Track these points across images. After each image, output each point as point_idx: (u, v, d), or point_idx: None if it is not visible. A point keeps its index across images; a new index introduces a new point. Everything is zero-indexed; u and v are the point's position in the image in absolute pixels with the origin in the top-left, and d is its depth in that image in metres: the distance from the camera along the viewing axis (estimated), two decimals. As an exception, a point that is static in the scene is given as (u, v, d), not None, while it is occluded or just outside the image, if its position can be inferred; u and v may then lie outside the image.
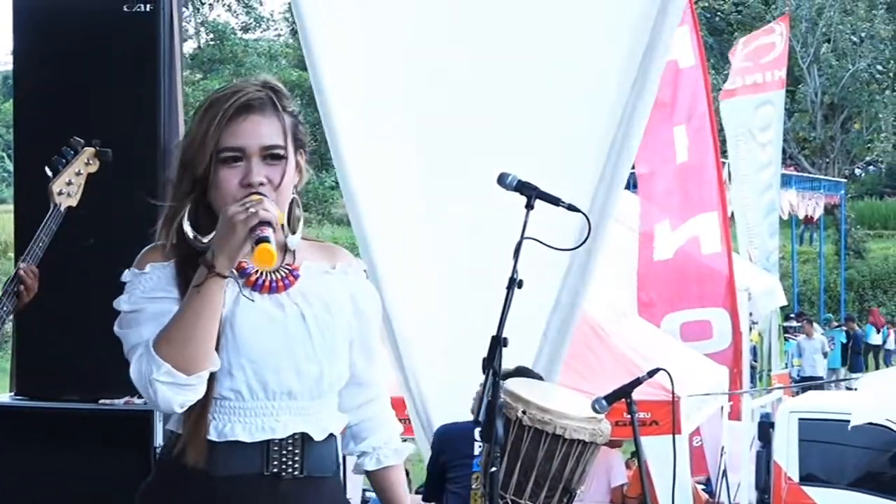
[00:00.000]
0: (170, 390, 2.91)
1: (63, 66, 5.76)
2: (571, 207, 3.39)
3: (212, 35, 44.14)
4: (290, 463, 3.08)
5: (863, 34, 47.37)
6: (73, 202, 4.91)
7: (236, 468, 3.04)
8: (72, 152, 4.95)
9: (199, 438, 3.00)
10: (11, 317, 4.87)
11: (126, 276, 3.09)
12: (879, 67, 47.77)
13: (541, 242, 3.68)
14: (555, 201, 3.41)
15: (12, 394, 5.80)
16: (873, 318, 32.59)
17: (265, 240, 2.89)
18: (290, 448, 3.08)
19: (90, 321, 5.44)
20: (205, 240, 3.02)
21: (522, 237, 3.72)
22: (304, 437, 3.11)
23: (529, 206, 3.53)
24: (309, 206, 43.65)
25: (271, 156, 3.05)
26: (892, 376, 8.76)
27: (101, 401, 5.59)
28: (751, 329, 18.48)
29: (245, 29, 48.14)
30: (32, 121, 5.87)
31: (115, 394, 5.59)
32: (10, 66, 5.72)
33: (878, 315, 33.51)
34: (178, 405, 2.95)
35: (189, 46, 43.67)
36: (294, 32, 57.02)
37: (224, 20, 46.23)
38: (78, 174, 4.94)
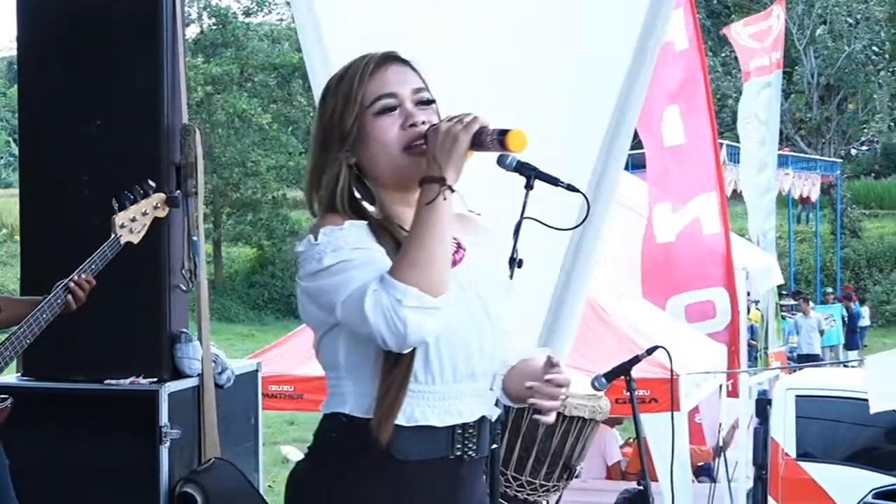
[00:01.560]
0: (420, 316, 2.77)
1: (66, 51, 5.76)
2: (570, 187, 3.36)
3: (214, 19, 44.00)
4: (471, 445, 3.02)
5: (858, 16, 47.38)
6: (135, 239, 4.99)
7: (425, 453, 2.97)
8: (142, 192, 5.02)
9: (390, 422, 2.90)
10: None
11: (307, 243, 2.93)
12: (875, 49, 47.80)
13: (539, 222, 3.65)
14: (554, 181, 3.39)
15: (19, 374, 5.81)
16: (841, 296, 32.60)
17: (504, 130, 2.89)
18: (471, 431, 3.02)
19: (99, 302, 5.47)
20: (371, 209, 3.01)
21: (522, 217, 3.70)
22: (483, 420, 3.07)
23: (529, 187, 3.50)
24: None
25: (422, 101, 3.03)
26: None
27: (107, 381, 5.59)
28: (749, 308, 18.50)
29: (247, 13, 48.03)
30: (36, 106, 5.87)
31: (121, 374, 5.60)
32: (14, 52, 5.73)
33: (852, 291, 33.48)
34: (428, 333, 2.82)
35: (192, 31, 43.57)
36: (296, 17, 56.97)
37: (226, 4, 46.21)
38: (144, 214, 5.02)
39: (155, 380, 5.58)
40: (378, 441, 2.90)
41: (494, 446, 3.90)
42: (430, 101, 3.05)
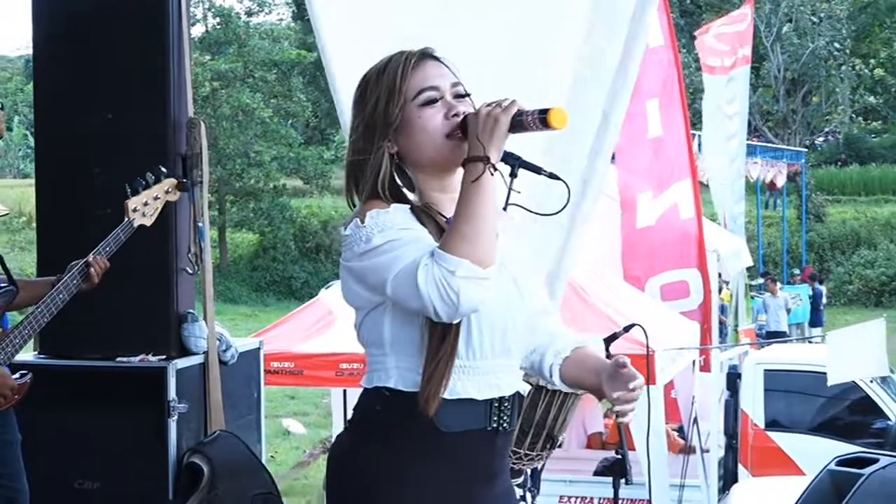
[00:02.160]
0: (472, 286, 2.77)
1: (78, 50, 5.75)
2: (552, 175, 3.36)
3: (218, 19, 43.97)
4: (505, 418, 3.03)
5: (822, 14, 47.42)
6: (147, 222, 5.01)
7: (466, 424, 2.97)
8: (153, 178, 5.04)
9: (438, 395, 2.90)
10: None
11: (354, 226, 2.94)
12: (837, 45, 47.83)
13: (523, 208, 3.65)
14: (536, 170, 3.38)
15: (36, 353, 5.80)
16: (804, 275, 32.60)
17: (545, 109, 2.92)
18: (507, 404, 3.04)
19: (110, 284, 5.47)
20: (411, 196, 3.02)
21: (507, 203, 3.70)
22: (517, 394, 3.08)
23: (513, 175, 3.50)
24: (309, 179, 43.66)
25: (459, 94, 3.06)
26: (856, 333, 8.75)
27: (119, 358, 5.59)
28: (721, 289, 18.52)
29: (249, 13, 48.02)
30: (51, 101, 5.86)
31: (132, 352, 5.59)
32: (31, 52, 5.74)
33: (814, 272, 33.47)
34: (479, 302, 2.82)
35: (197, 30, 43.52)
36: (295, 16, 56.99)
37: (229, 5, 46.20)
38: (156, 198, 5.04)
39: (163, 357, 5.58)
40: (424, 413, 2.91)
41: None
42: (466, 95, 3.08)
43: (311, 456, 15.00)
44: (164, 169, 5.06)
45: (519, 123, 2.94)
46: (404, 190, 3.04)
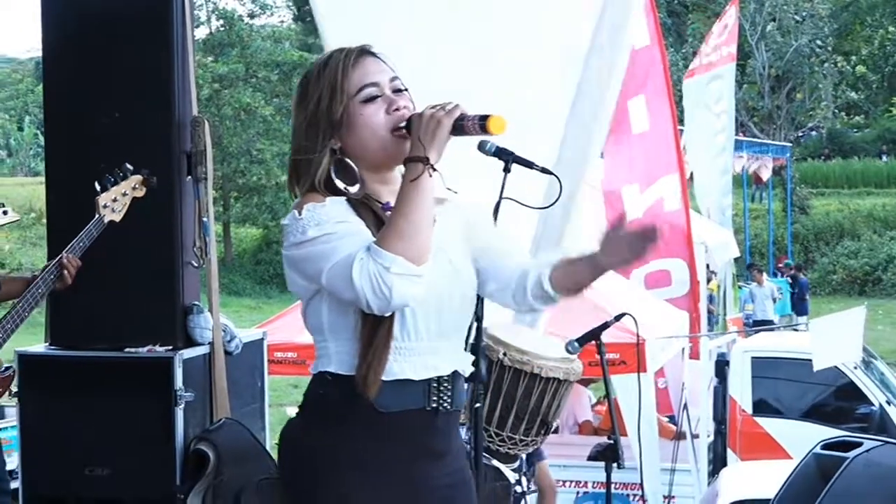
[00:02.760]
0: (405, 283, 2.81)
1: (86, 51, 5.74)
2: (544, 170, 3.38)
3: (221, 21, 43.95)
4: (445, 398, 3.06)
5: (804, 13, 47.42)
6: (117, 218, 5.02)
7: (404, 404, 3.00)
8: (121, 175, 5.05)
9: (376, 378, 2.93)
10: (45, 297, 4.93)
11: (291, 218, 3.00)
12: (819, 43, 47.85)
13: (517, 202, 3.67)
14: (529, 164, 3.40)
15: (47, 344, 5.80)
16: (781, 266, 32.57)
17: (485, 115, 2.94)
18: (446, 384, 3.06)
19: (118, 277, 5.48)
20: (352, 189, 3.03)
21: (501, 197, 3.72)
22: (456, 374, 3.10)
23: (506, 170, 3.52)
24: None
25: (398, 89, 3.08)
26: (838, 321, 8.76)
27: (127, 349, 5.58)
28: (709, 279, 18.53)
29: (251, 15, 47.95)
30: (60, 101, 5.84)
31: (139, 343, 5.59)
32: (40, 53, 5.74)
33: (784, 262, 33.46)
34: (410, 298, 2.86)
35: (201, 32, 43.50)
36: (295, 18, 56.98)
37: (232, 7, 46.07)
38: (124, 195, 5.05)
39: (170, 348, 5.57)
40: (364, 395, 2.94)
41: (478, 405, 3.93)
42: (404, 89, 3.10)
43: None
44: (130, 166, 5.08)
45: (460, 127, 2.97)
46: (340, 184, 3.04)
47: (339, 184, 3.02)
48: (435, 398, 3.04)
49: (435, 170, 2.92)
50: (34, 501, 5.61)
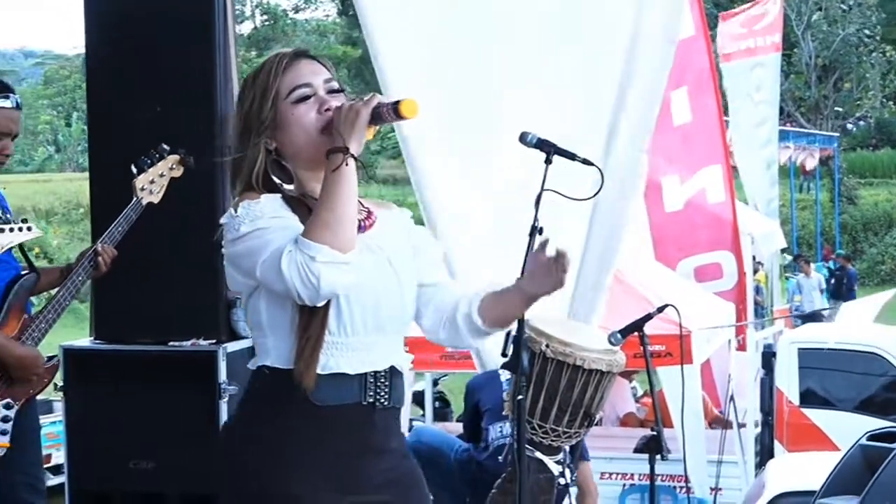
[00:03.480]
0: (331, 270, 2.85)
1: (128, 47, 5.77)
2: (586, 161, 3.37)
3: (266, 16, 44.10)
4: (382, 393, 3.08)
5: (851, 2, 47.08)
6: (155, 199, 4.99)
7: (340, 398, 3.03)
8: (157, 156, 5.02)
9: (312, 371, 2.96)
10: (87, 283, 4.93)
11: (228, 216, 3.02)
12: (867, 32, 47.54)
13: (558, 193, 3.65)
14: (571, 156, 3.39)
15: (92, 338, 5.83)
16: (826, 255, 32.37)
17: (397, 100, 2.98)
18: (383, 380, 3.09)
19: (162, 272, 5.50)
20: (288, 186, 3.07)
21: (542, 189, 3.69)
22: (393, 370, 3.12)
23: (548, 161, 3.51)
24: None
25: (333, 89, 3.12)
26: (867, 304, 8.74)
27: (171, 343, 5.61)
28: (756, 270, 18.44)
29: (296, 10, 48.11)
30: (103, 96, 5.88)
31: (184, 336, 5.62)
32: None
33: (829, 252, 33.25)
34: (339, 286, 2.89)
35: (246, 27, 43.66)
36: (340, 12, 57.04)
37: (276, 2, 46.18)
38: (161, 175, 5.02)
39: (214, 341, 5.59)
40: (301, 388, 2.97)
41: (520, 397, 3.91)
42: (339, 90, 3.15)
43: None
44: (166, 146, 5.07)
45: (378, 115, 3.00)
46: (278, 182, 3.08)
47: (276, 179, 3.07)
48: (371, 393, 3.06)
49: (355, 159, 2.96)
50: (79, 496, 5.66)
